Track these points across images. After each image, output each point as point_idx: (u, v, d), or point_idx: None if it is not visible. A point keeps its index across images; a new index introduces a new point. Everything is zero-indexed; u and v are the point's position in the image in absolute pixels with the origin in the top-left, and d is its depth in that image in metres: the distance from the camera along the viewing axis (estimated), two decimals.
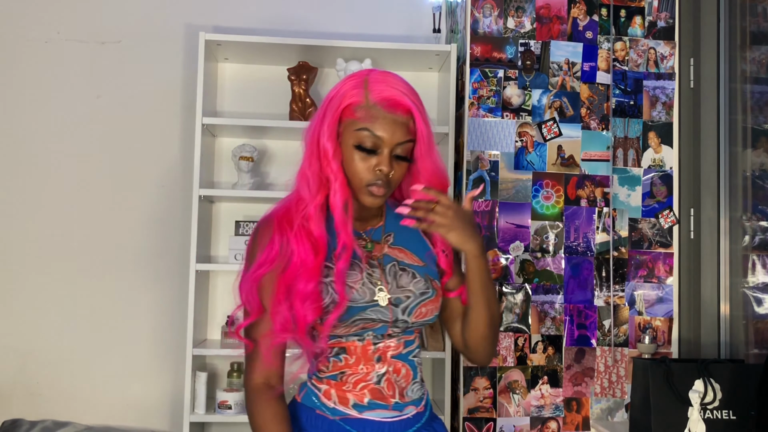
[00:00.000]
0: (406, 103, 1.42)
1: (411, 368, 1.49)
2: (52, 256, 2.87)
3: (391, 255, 1.52)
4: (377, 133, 1.39)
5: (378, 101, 1.40)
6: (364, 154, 1.41)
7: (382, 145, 1.40)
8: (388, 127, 1.40)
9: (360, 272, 1.46)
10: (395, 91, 1.42)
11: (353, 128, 1.41)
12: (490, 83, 2.59)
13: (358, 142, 1.40)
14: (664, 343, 2.58)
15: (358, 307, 1.43)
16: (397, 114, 1.41)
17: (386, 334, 1.45)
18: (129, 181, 2.90)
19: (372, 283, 1.46)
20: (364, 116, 1.40)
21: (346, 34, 2.92)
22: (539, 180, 2.58)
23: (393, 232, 1.55)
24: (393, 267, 1.50)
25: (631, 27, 2.65)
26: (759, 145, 2.38)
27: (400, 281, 1.49)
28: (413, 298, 1.47)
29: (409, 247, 1.54)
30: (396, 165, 1.42)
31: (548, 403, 2.53)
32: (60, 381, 2.84)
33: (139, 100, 2.93)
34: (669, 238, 2.61)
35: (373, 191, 1.42)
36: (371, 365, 1.45)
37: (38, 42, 2.91)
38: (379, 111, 1.40)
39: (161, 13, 2.95)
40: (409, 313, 1.46)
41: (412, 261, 1.52)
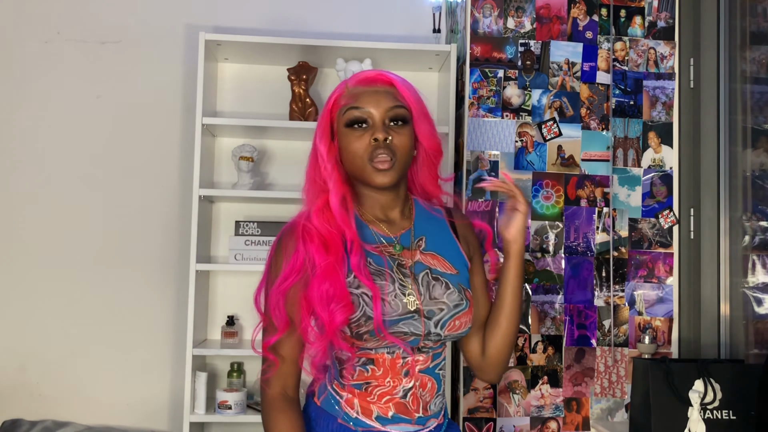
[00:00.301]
0: (384, 76, 1.44)
1: (436, 381, 1.45)
2: (52, 256, 2.86)
3: (424, 262, 1.46)
4: (362, 106, 1.40)
5: (357, 83, 1.44)
6: (356, 131, 1.40)
7: (371, 115, 1.40)
8: (371, 98, 1.41)
9: (392, 282, 1.40)
10: (373, 72, 1.46)
11: (341, 114, 1.42)
12: (490, 83, 2.59)
13: (347, 121, 1.41)
14: (664, 343, 2.58)
15: (390, 321, 1.37)
16: (377, 86, 1.42)
17: (418, 347, 1.40)
18: (129, 181, 2.90)
19: (404, 294, 1.40)
20: (347, 99, 1.42)
21: (346, 34, 2.92)
22: (539, 180, 2.58)
23: (424, 236, 1.50)
24: (426, 276, 1.44)
25: (631, 27, 2.65)
26: (759, 145, 2.38)
27: (434, 292, 1.43)
28: (447, 311, 1.42)
29: (442, 253, 1.48)
30: (393, 132, 1.40)
31: (548, 403, 2.53)
32: (60, 381, 2.84)
33: (139, 100, 2.93)
34: (669, 238, 2.61)
35: (377, 165, 1.39)
36: (398, 379, 1.40)
37: (38, 42, 2.92)
38: (360, 89, 1.43)
39: (161, 13, 2.95)
40: (442, 326, 1.41)
41: (445, 269, 1.46)
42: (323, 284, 1.35)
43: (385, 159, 1.38)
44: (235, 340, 2.75)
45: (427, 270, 1.45)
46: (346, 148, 1.41)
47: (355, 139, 1.40)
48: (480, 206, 2.55)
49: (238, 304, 2.87)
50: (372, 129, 1.39)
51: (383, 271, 1.41)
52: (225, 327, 2.76)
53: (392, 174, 1.40)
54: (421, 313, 1.39)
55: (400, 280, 1.41)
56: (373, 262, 1.42)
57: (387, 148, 1.38)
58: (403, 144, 1.41)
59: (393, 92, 1.43)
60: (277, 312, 1.38)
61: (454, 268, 1.47)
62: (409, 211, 1.51)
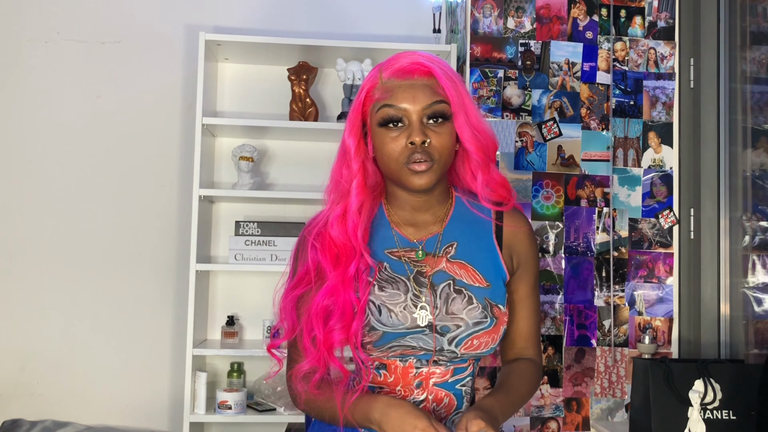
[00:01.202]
0: (423, 65, 1.28)
1: (456, 398, 1.33)
2: (52, 256, 2.87)
3: (448, 271, 1.33)
4: (397, 104, 1.26)
5: (392, 74, 1.29)
6: (391, 131, 1.27)
7: (407, 114, 1.26)
8: (407, 94, 1.26)
9: (404, 292, 1.31)
10: (408, 59, 1.29)
11: (374, 111, 1.29)
12: (490, 83, 2.59)
13: (381, 119, 1.28)
14: (664, 343, 2.58)
15: (396, 333, 1.28)
16: (415, 78, 1.28)
17: (431, 360, 1.31)
18: (129, 181, 2.90)
19: (416, 305, 1.30)
20: (381, 93, 1.28)
21: (346, 34, 2.92)
22: (539, 180, 2.58)
23: (456, 241, 1.35)
24: (447, 287, 1.31)
25: (631, 27, 2.65)
26: (759, 145, 2.38)
27: (452, 306, 1.30)
28: (464, 328, 1.29)
29: (474, 262, 1.34)
30: (431, 132, 1.27)
31: (548, 403, 2.53)
32: (60, 381, 2.84)
33: (139, 100, 2.93)
34: (669, 238, 2.61)
35: (414, 168, 1.26)
36: (409, 390, 1.31)
37: (38, 42, 2.91)
38: (395, 82, 1.28)
39: (161, 13, 2.95)
40: (457, 344, 1.29)
41: (472, 280, 1.32)
42: (326, 299, 1.27)
43: (422, 162, 1.26)
44: (235, 340, 2.75)
45: (450, 280, 1.32)
46: (380, 149, 1.29)
47: (390, 140, 1.27)
48: None
49: (238, 304, 2.87)
50: (408, 129, 1.26)
51: (398, 279, 1.32)
52: (225, 327, 2.76)
53: (430, 176, 1.27)
54: (434, 328, 1.29)
55: (415, 289, 1.31)
56: (389, 268, 1.33)
57: (424, 151, 1.26)
58: (443, 144, 1.28)
59: (432, 84, 1.28)
60: (286, 316, 1.34)
61: (486, 280, 1.33)
62: (446, 212, 1.38)
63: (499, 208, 1.37)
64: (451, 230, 1.36)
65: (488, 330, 1.30)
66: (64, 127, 2.90)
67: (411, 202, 1.35)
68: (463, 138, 1.30)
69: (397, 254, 1.34)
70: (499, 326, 1.31)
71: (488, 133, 1.33)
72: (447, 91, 1.28)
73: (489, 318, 1.30)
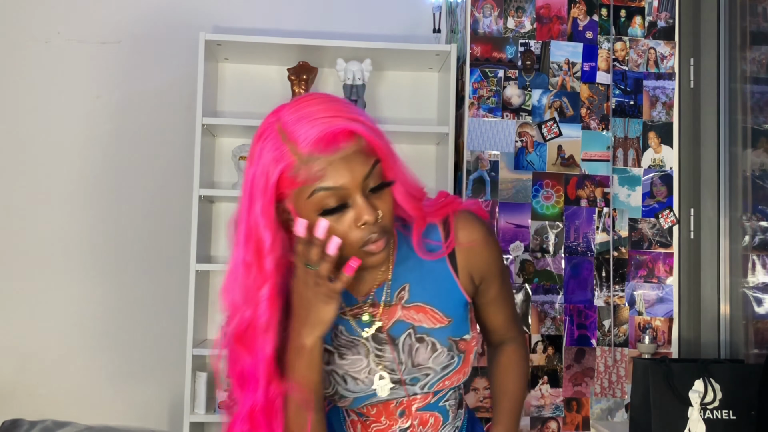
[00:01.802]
0: (344, 127, 1.06)
1: (441, 415, 1.30)
2: (52, 256, 2.86)
3: (405, 319, 1.23)
4: (334, 185, 1.06)
5: (312, 149, 1.05)
6: (335, 216, 1.08)
7: (349, 192, 1.07)
8: (342, 170, 1.06)
9: (365, 356, 1.23)
10: (320, 122, 1.06)
11: (304, 197, 1.07)
12: (490, 83, 2.59)
13: (320, 208, 1.07)
14: (664, 343, 2.58)
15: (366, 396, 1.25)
16: (341, 148, 1.06)
17: None
18: (129, 181, 2.90)
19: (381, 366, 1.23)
20: (307, 176, 1.06)
21: (346, 34, 2.92)
22: (539, 180, 2.58)
23: (407, 282, 1.24)
24: (408, 338, 1.23)
25: (631, 27, 2.65)
26: (759, 145, 2.38)
27: (417, 357, 1.23)
28: (433, 375, 1.24)
29: (431, 300, 1.23)
30: (378, 201, 1.10)
31: (548, 403, 2.53)
32: (60, 381, 2.84)
33: (139, 100, 2.93)
34: (669, 238, 2.61)
35: (371, 249, 1.10)
36: (394, 419, 1.27)
37: (38, 42, 2.91)
38: (321, 159, 1.05)
39: (161, 13, 2.95)
40: (429, 387, 1.26)
41: (433, 322, 1.23)
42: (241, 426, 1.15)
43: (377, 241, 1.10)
44: None
45: (410, 329, 1.22)
46: None
47: (334, 224, 1.08)
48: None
49: None
50: (354, 208, 1.08)
51: (356, 342, 1.23)
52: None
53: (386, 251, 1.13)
54: (402, 382, 1.24)
55: (376, 349, 1.23)
56: (345, 331, 1.24)
57: (379, 227, 1.10)
58: (390, 210, 1.13)
59: (361, 146, 1.08)
60: None
61: (446, 316, 1.23)
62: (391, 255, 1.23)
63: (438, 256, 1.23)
64: (400, 273, 1.23)
65: (457, 369, 1.25)
66: (64, 127, 2.90)
67: None
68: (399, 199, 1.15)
69: (351, 313, 1.24)
70: (467, 358, 1.25)
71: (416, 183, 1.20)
72: (378, 150, 1.10)
73: (456, 357, 1.23)
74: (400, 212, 1.19)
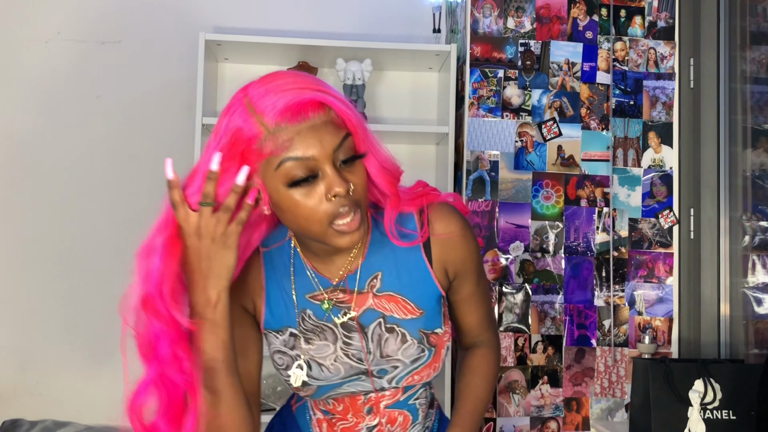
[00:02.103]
0: (312, 98, 1.04)
1: (410, 413, 1.27)
2: (52, 256, 2.86)
3: (376, 308, 1.19)
4: (302, 154, 1.02)
5: (279, 119, 1.03)
6: (304, 188, 1.04)
7: (318, 163, 1.03)
8: (311, 140, 1.03)
9: (333, 342, 1.19)
10: (288, 93, 1.04)
11: (272, 169, 1.04)
12: (490, 83, 2.59)
13: (288, 180, 1.04)
14: (664, 343, 2.58)
15: (331, 385, 1.20)
16: (310, 118, 1.03)
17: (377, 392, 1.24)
18: (129, 181, 2.90)
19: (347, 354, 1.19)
20: (275, 146, 1.03)
21: (346, 34, 2.92)
22: (539, 180, 2.58)
23: (380, 270, 1.20)
24: (377, 327, 1.19)
25: (631, 27, 2.65)
26: (759, 145, 2.38)
27: (386, 348, 1.19)
28: (402, 368, 1.20)
29: (404, 290, 1.20)
30: (349, 174, 1.06)
31: (548, 403, 2.53)
32: (60, 381, 2.84)
33: (139, 100, 2.93)
34: (669, 238, 2.61)
35: (342, 228, 1.06)
36: (361, 416, 1.24)
37: (38, 42, 2.91)
38: (288, 128, 1.03)
39: (161, 13, 2.95)
40: (398, 381, 1.22)
41: (404, 313, 1.19)
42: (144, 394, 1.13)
43: (350, 216, 1.06)
44: None
45: (381, 318, 1.19)
46: (291, 210, 1.06)
47: (302, 198, 1.04)
48: (480, 206, 2.55)
49: None
50: (324, 179, 1.04)
51: (324, 328, 1.19)
52: None
53: (360, 231, 1.08)
54: (370, 373, 1.20)
55: (345, 336, 1.19)
56: (313, 315, 1.20)
57: (349, 200, 1.05)
58: (363, 184, 1.08)
59: (331, 117, 1.05)
60: None
61: (418, 308, 1.20)
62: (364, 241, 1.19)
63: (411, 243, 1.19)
64: (373, 260, 1.19)
65: (428, 363, 1.20)
66: (64, 127, 2.90)
67: (326, 249, 1.15)
68: (372, 173, 1.12)
69: (320, 298, 1.19)
70: (438, 353, 1.21)
71: (392, 160, 1.16)
72: (348, 121, 1.06)
73: (427, 350, 1.19)
74: (375, 192, 1.16)
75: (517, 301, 2.54)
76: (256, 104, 1.05)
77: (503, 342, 2.52)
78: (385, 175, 1.13)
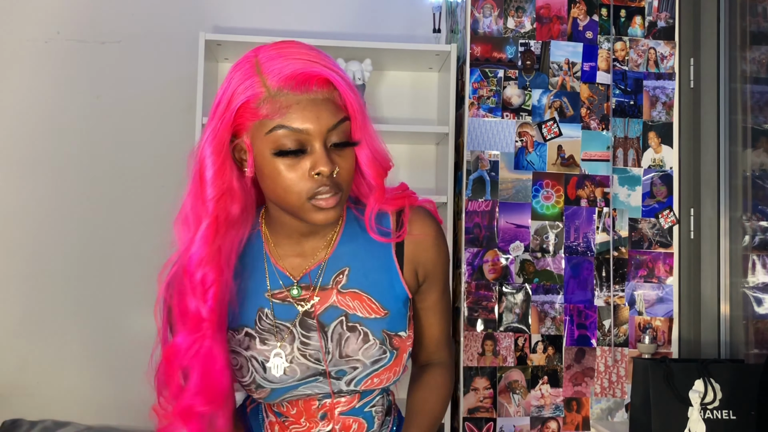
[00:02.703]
0: (320, 72, 1.03)
1: (366, 420, 1.22)
2: (52, 256, 2.86)
3: (339, 305, 1.15)
4: (296, 126, 1.02)
5: (282, 84, 1.02)
6: (289, 159, 1.03)
7: (309, 138, 1.03)
8: (308, 113, 1.02)
9: (290, 342, 1.15)
10: (298, 62, 1.03)
11: (263, 132, 1.03)
12: (490, 83, 2.59)
13: (276, 147, 1.03)
14: (664, 343, 2.58)
15: (286, 387, 1.16)
16: (313, 91, 1.03)
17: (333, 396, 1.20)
18: (129, 181, 2.90)
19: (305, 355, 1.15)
20: (271, 109, 1.02)
21: (346, 33, 2.92)
22: (539, 180, 2.58)
23: (348, 266, 1.17)
24: (339, 326, 1.15)
25: (631, 27, 2.65)
26: (759, 145, 2.38)
27: (346, 348, 1.15)
28: (361, 369, 1.16)
29: (369, 289, 1.17)
30: (338, 157, 1.05)
31: (548, 403, 2.53)
32: (60, 381, 2.84)
33: (139, 100, 2.93)
34: (669, 238, 2.61)
35: (320, 204, 1.04)
36: (314, 422, 1.20)
37: (38, 42, 2.91)
38: (289, 96, 1.02)
39: (161, 13, 2.95)
40: (356, 384, 1.18)
41: (368, 312, 1.16)
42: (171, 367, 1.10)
43: (329, 196, 1.04)
44: None
45: (343, 317, 1.15)
46: (272, 178, 1.05)
47: (286, 168, 1.04)
48: (480, 206, 2.55)
49: None
50: (311, 155, 1.04)
51: (281, 327, 1.15)
52: None
53: (337, 211, 1.06)
54: (327, 374, 1.15)
55: (303, 336, 1.15)
56: (271, 314, 1.16)
57: (332, 182, 1.04)
58: (350, 170, 1.08)
59: (333, 97, 1.05)
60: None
61: (383, 308, 1.16)
62: (336, 232, 1.17)
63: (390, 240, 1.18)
64: (342, 254, 1.16)
65: (389, 365, 1.17)
66: (64, 127, 2.90)
67: (300, 228, 1.14)
68: (362, 161, 1.11)
69: (280, 296, 1.16)
70: (400, 356, 1.18)
71: (384, 152, 1.15)
72: (350, 106, 1.06)
73: (389, 352, 1.16)
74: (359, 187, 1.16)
75: (517, 301, 2.54)
76: (263, 65, 1.04)
77: (503, 342, 2.52)
78: (374, 166, 1.12)
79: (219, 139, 1.05)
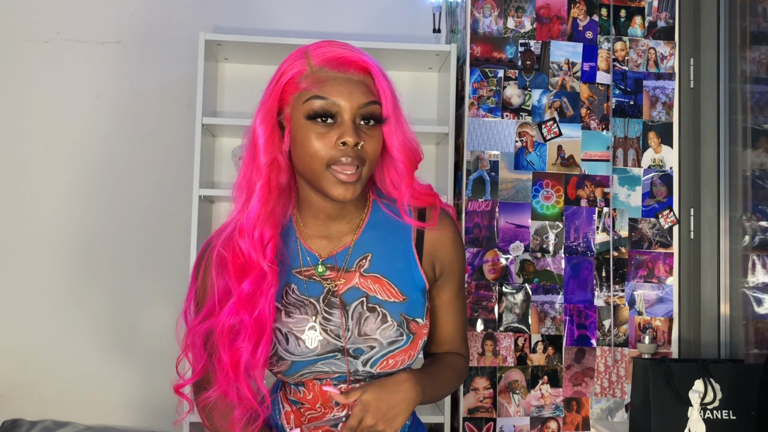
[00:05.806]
0: (359, 59, 1.15)
1: None
2: (52, 256, 2.87)
3: (361, 287, 1.22)
4: (330, 98, 1.13)
5: (324, 63, 1.14)
6: (320, 127, 1.13)
7: (340, 110, 1.13)
8: (342, 88, 1.13)
9: (313, 316, 1.22)
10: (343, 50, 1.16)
11: (300, 102, 1.15)
12: (490, 83, 2.59)
13: (310, 112, 1.13)
14: (664, 343, 2.58)
15: (306, 361, 1.22)
16: (350, 72, 1.15)
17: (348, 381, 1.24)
18: (129, 181, 2.90)
19: (326, 330, 1.21)
20: (311, 83, 1.14)
21: (346, 34, 2.92)
22: (539, 180, 2.58)
23: (371, 252, 1.24)
24: (359, 306, 1.22)
25: (631, 27, 2.65)
26: (759, 145, 2.38)
27: (365, 327, 1.21)
28: (378, 349, 1.21)
29: (390, 274, 1.23)
30: (365, 134, 1.14)
31: (548, 403, 2.53)
32: (60, 381, 2.84)
33: (139, 100, 2.93)
34: (669, 238, 2.61)
35: (339, 175, 1.13)
36: (329, 407, 1.25)
37: (38, 42, 2.91)
38: (328, 72, 1.14)
39: (161, 13, 2.95)
40: (372, 364, 1.22)
41: (387, 296, 1.22)
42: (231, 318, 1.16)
43: (350, 168, 1.13)
44: None
45: (363, 298, 1.22)
46: (303, 144, 1.14)
47: (316, 135, 1.13)
48: (480, 206, 2.55)
49: None
50: (340, 127, 1.13)
51: (306, 303, 1.22)
52: None
53: (356, 187, 1.15)
54: (345, 351, 1.21)
55: (325, 312, 1.22)
56: (297, 290, 1.24)
57: (355, 154, 1.13)
58: (374, 149, 1.16)
59: (367, 82, 1.16)
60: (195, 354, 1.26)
61: (402, 294, 1.23)
62: (361, 220, 1.26)
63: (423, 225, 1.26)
64: (366, 240, 1.24)
65: (404, 348, 1.22)
66: (64, 127, 2.90)
67: (326, 209, 1.22)
68: (391, 145, 1.19)
69: (307, 273, 1.24)
70: (416, 341, 1.23)
71: (416, 143, 1.23)
72: (382, 92, 1.16)
73: (405, 335, 1.21)
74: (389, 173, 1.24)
75: (517, 301, 2.55)
76: (311, 51, 1.17)
77: (503, 342, 2.52)
78: (405, 151, 1.20)
79: (268, 110, 1.17)
